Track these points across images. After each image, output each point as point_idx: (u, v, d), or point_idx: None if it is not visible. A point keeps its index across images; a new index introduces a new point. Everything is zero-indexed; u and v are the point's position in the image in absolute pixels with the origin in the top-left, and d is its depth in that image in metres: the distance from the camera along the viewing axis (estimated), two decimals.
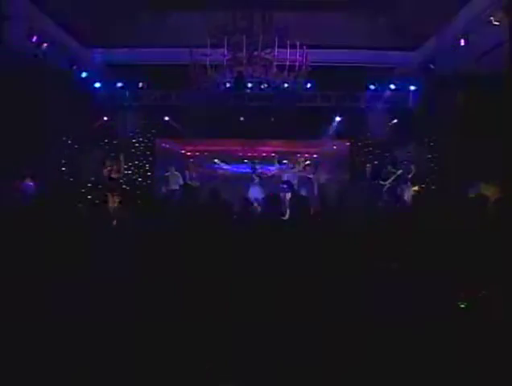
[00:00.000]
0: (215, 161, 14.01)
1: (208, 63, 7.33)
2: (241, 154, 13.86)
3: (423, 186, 11.21)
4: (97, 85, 11.17)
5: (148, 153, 12.53)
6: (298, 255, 3.32)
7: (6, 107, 7.96)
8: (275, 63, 7.44)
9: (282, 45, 7.21)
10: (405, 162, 10.98)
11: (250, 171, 12.15)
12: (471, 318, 2.80)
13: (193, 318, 2.84)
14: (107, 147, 11.61)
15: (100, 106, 11.43)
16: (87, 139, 11.34)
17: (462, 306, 2.86)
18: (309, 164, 12.25)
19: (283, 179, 11.53)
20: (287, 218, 4.96)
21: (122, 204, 8.82)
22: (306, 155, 14.44)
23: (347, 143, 12.91)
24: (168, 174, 11.76)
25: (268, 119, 11.83)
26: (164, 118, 12.03)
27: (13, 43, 8.08)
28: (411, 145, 11.54)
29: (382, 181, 10.96)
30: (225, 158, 13.81)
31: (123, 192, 10.29)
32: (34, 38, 8.34)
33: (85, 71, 10.68)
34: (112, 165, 10.48)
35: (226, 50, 7.17)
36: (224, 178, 13.43)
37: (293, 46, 7.24)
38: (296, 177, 11.68)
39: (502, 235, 3.58)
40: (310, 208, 5.29)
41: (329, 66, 9.81)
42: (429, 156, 11.47)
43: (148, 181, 12.43)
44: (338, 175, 12.72)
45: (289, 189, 10.88)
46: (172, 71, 9.34)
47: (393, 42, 9.88)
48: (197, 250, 3.40)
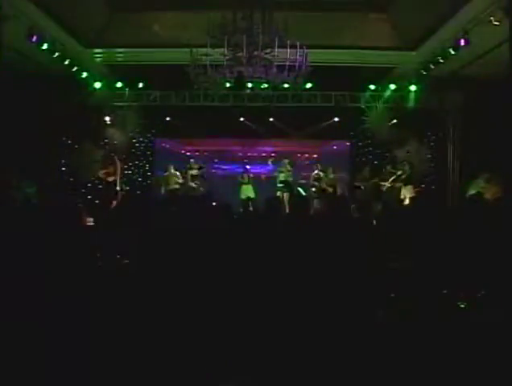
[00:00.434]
0: (215, 161, 14.03)
1: (208, 63, 7.33)
2: (241, 154, 13.87)
3: (423, 186, 11.21)
4: (97, 85, 11.17)
5: (148, 153, 12.53)
6: (298, 254, 3.32)
7: (6, 107, 7.96)
8: (275, 63, 7.43)
9: (282, 45, 7.20)
10: (404, 163, 10.97)
11: (241, 171, 12.13)
12: (471, 318, 2.80)
13: (193, 318, 2.84)
14: (107, 147, 11.60)
15: (100, 106, 11.42)
16: (87, 139, 11.33)
17: (462, 306, 2.86)
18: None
19: (280, 179, 11.51)
20: (286, 218, 4.96)
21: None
22: (306, 155, 14.47)
23: (347, 143, 12.91)
24: (167, 173, 11.75)
25: (268, 119, 11.86)
26: (164, 118, 12.04)
27: (13, 43, 8.09)
28: (411, 145, 11.54)
29: (382, 181, 10.97)
30: (225, 158, 13.81)
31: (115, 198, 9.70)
32: (34, 38, 8.34)
33: (85, 71, 10.68)
34: (108, 167, 10.33)
35: (226, 50, 7.16)
36: (223, 178, 13.44)
37: (293, 46, 7.23)
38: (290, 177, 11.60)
39: (502, 235, 3.58)
40: (310, 208, 5.30)
41: (329, 66, 9.81)
42: (429, 156, 11.47)
43: (148, 181, 12.43)
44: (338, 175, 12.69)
45: (286, 189, 10.90)
46: (172, 71, 9.33)
47: (393, 42, 9.87)
48: (197, 250, 3.40)
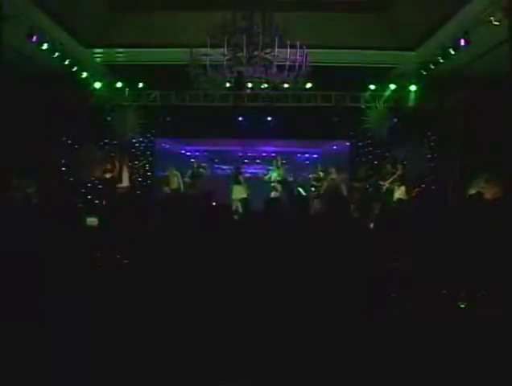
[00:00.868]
0: (215, 161, 14.02)
1: (208, 63, 7.33)
2: (241, 154, 13.86)
3: (423, 186, 11.20)
4: (97, 85, 11.16)
5: (148, 153, 12.53)
6: (298, 255, 3.32)
7: (6, 107, 7.96)
8: (275, 63, 7.43)
9: (282, 45, 7.20)
10: (397, 163, 11.00)
11: (234, 172, 12.07)
12: (471, 318, 2.80)
13: (193, 318, 2.84)
14: (107, 147, 11.60)
15: (100, 106, 11.42)
16: (87, 139, 11.33)
17: (462, 306, 2.86)
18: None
19: (275, 179, 11.51)
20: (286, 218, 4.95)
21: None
22: (306, 155, 14.47)
23: (347, 143, 12.91)
24: (168, 173, 11.76)
25: (268, 119, 11.86)
26: (164, 118, 12.04)
27: (13, 43, 8.08)
28: (411, 145, 11.54)
29: (381, 181, 10.97)
30: (225, 158, 13.80)
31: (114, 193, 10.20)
32: (34, 38, 8.34)
33: (85, 71, 10.68)
34: (106, 165, 10.63)
35: (226, 50, 7.16)
36: (223, 178, 13.41)
37: (293, 46, 7.23)
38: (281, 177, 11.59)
39: (502, 235, 3.58)
40: (309, 208, 5.30)
41: (329, 66, 9.81)
42: (429, 156, 11.47)
43: (148, 181, 12.42)
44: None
45: (284, 189, 10.89)
46: (172, 71, 9.32)
47: (393, 42, 9.88)
48: (197, 250, 3.40)
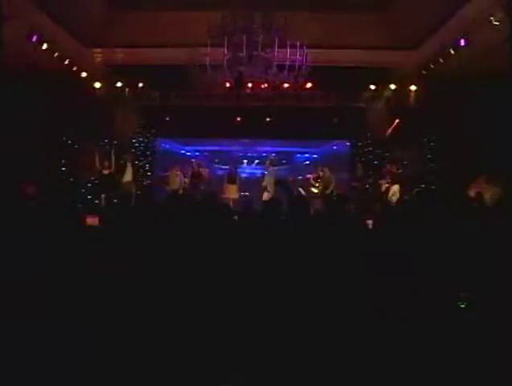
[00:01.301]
0: (215, 161, 14.01)
1: (208, 63, 7.34)
2: (241, 154, 13.86)
3: (423, 186, 11.20)
4: (97, 85, 11.16)
5: (148, 153, 12.52)
6: (299, 255, 3.32)
7: (6, 107, 7.96)
8: (275, 63, 7.43)
9: (282, 45, 7.21)
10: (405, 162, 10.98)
11: (227, 172, 12.11)
12: (471, 318, 2.80)
13: (193, 318, 2.84)
14: (107, 147, 11.60)
15: (100, 106, 11.41)
16: (87, 139, 11.34)
17: (462, 306, 2.86)
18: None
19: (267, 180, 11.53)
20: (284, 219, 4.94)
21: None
22: (306, 155, 14.46)
23: (347, 143, 12.90)
24: (169, 173, 11.76)
25: (268, 119, 11.85)
26: (164, 118, 12.03)
27: (13, 43, 8.08)
28: (411, 145, 11.53)
29: (380, 181, 10.95)
30: (225, 158, 13.78)
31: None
32: (34, 38, 8.34)
33: (85, 71, 10.67)
34: (104, 162, 10.81)
35: (226, 50, 7.18)
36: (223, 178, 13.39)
37: (293, 46, 7.24)
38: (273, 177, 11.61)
39: (502, 235, 3.58)
40: (310, 209, 5.29)
41: (329, 66, 9.81)
42: (429, 156, 11.46)
43: (148, 181, 12.42)
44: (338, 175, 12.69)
45: (282, 189, 10.87)
46: (172, 71, 9.33)
47: (393, 42, 9.88)
48: (198, 250, 3.40)
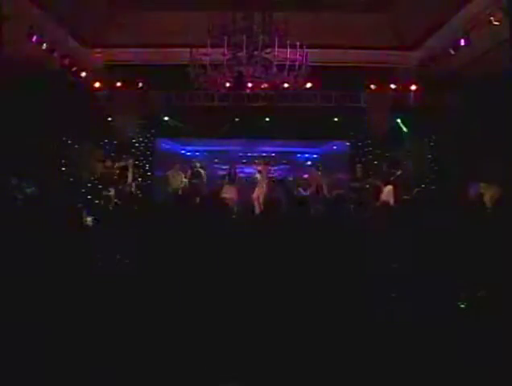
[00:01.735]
0: (215, 161, 14.01)
1: (208, 63, 7.34)
2: (241, 154, 13.85)
3: (423, 186, 11.19)
4: (97, 85, 11.16)
5: (148, 153, 12.51)
6: (299, 254, 3.32)
7: (6, 107, 7.96)
8: (275, 63, 7.43)
9: (282, 45, 7.21)
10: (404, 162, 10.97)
11: (226, 172, 12.17)
12: (471, 318, 2.80)
13: (194, 318, 2.84)
14: (107, 147, 11.60)
15: (99, 106, 11.41)
16: (87, 139, 11.33)
17: (462, 306, 2.86)
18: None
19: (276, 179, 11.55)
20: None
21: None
22: (306, 155, 14.46)
23: (347, 143, 12.89)
24: (170, 173, 11.76)
25: (268, 119, 11.84)
26: (164, 118, 12.03)
27: (13, 43, 8.08)
28: (411, 145, 11.52)
29: (379, 181, 10.94)
30: (225, 158, 13.78)
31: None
32: (34, 38, 8.34)
33: (85, 71, 10.68)
34: (106, 162, 10.98)
35: (226, 50, 7.17)
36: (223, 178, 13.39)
37: (293, 46, 7.24)
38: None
39: (503, 235, 3.58)
40: (310, 207, 5.29)
41: (329, 66, 9.81)
42: (429, 156, 11.45)
43: (148, 181, 12.41)
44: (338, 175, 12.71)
45: (282, 189, 10.89)
46: (172, 71, 9.32)
47: (393, 42, 9.88)
48: (198, 249, 3.40)
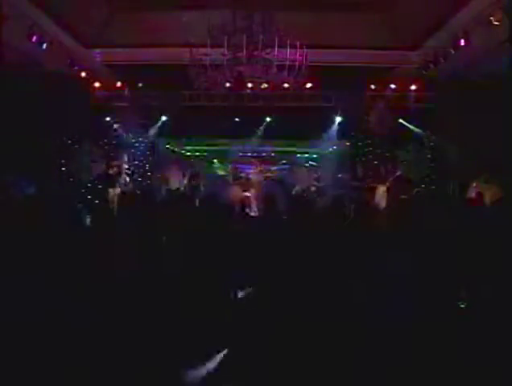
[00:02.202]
0: (214, 161, 14.02)
1: (208, 63, 7.34)
2: (241, 154, 13.85)
3: (423, 186, 11.19)
4: (97, 85, 11.16)
5: (148, 153, 12.51)
6: (300, 254, 3.32)
7: (6, 107, 7.96)
8: (275, 63, 7.44)
9: (282, 45, 7.21)
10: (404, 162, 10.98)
11: (234, 171, 12.23)
12: (471, 318, 2.80)
13: (194, 318, 2.84)
14: (106, 147, 11.60)
15: (100, 106, 11.42)
16: (87, 139, 11.34)
17: (462, 306, 2.86)
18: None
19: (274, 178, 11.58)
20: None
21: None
22: (306, 155, 14.46)
23: (347, 143, 12.89)
24: (168, 173, 11.77)
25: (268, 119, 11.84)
26: (164, 118, 12.03)
27: (13, 43, 8.08)
28: (411, 145, 11.52)
29: (378, 182, 10.93)
30: (225, 158, 13.79)
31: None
32: (34, 38, 8.34)
33: (85, 71, 10.68)
34: (110, 163, 10.84)
35: (226, 50, 7.18)
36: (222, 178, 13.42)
37: (293, 46, 7.24)
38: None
39: (503, 235, 3.58)
40: (312, 207, 5.28)
41: (329, 66, 9.80)
42: (429, 156, 11.46)
43: (148, 181, 12.41)
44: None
45: (281, 188, 10.89)
46: (172, 71, 9.31)
47: (393, 42, 9.88)
48: (200, 249, 3.40)
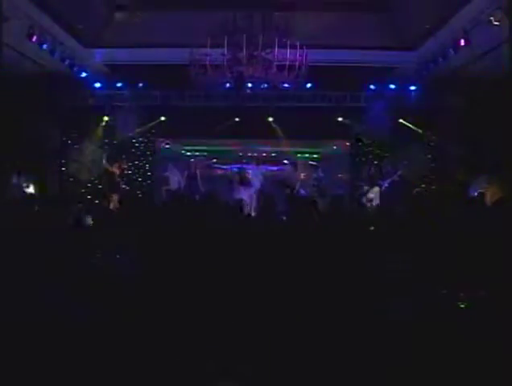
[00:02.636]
0: (214, 161, 14.00)
1: (208, 63, 7.35)
2: (241, 154, 13.83)
3: (423, 186, 11.20)
4: (97, 85, 11.17)
5: (148, 153, 12.51)
6: (301, 254, 3.32)
7: (6, 107, 7.96)
8: (275, 63, 7.44)
9: (282, 45, 7.21)
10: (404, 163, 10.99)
11: (238, 171, 12.21)
12: (471, 318, 2.80)
13: (194, 318, 2.84)
14: (106, 147, 11.61)
15: (100, 106, 11.42)
16: (87, 139, 11.35)
17: (462, 306, 2.86)
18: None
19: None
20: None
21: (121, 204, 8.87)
22: (306, 155, 14.43)
23: (347, 143, 12.89)
24: (168, 173, 11.76)
25: (268, 119, 11.85)
26: (164, 118, 12.03)
27: (13, 43, 8.08)
28: (411, 145, 11.52)
29: (381, 181, 10.95)
30: (225, 158, 13.78)
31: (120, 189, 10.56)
32: (34, 38, 8.34)
33: (85, 71, 10.69)
34: (113, 164, 10.78)
35: (226, 50, 7.18)
36: (222, 178, 13.40)
37: (293, 46, 7.24)
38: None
39: (503, 235, 3.58)
40: (316, 209, 5.29)
41: (329, 66, 9.81)
42: (429, 156, 11.46)
43: (148, 181, 12.41)
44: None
45: (283, 188, 10.88)
46: (172, 71, 9.33)
47: (393, 42, 9.88)
48: (201, 249, 3.40)
